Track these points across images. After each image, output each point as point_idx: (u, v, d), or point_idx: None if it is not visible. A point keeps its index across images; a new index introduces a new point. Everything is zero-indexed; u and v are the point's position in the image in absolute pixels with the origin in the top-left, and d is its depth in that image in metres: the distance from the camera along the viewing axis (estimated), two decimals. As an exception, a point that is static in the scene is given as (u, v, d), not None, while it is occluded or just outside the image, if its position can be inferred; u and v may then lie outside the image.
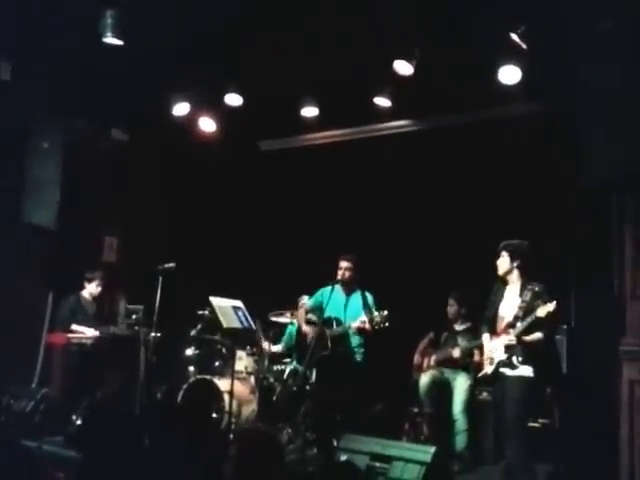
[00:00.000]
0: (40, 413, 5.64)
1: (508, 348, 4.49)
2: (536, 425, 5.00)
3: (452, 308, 6.01)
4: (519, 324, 4.45)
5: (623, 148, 4.62)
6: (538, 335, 4.47)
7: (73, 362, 6.09)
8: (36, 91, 6.58)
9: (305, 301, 6.33)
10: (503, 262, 4.66)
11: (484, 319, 4.88)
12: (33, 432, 5.30)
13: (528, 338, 4.45)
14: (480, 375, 4.81)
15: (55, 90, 6.59)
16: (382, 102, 6.31)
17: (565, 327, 5.21)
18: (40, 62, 6.33)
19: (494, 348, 4.62)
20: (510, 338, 4.47)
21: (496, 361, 4.57)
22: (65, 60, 6.22)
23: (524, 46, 5.11)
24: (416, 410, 5.86)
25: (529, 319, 4.38)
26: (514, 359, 4.47)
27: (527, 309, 4.47)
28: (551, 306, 4.28)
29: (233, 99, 6.66)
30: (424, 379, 5.78)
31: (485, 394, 5.67)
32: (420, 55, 5.63)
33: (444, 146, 6.63)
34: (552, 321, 4.36)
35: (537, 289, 4.54)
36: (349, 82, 6.10)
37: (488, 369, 4.65)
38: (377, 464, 4.09)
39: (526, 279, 4.62)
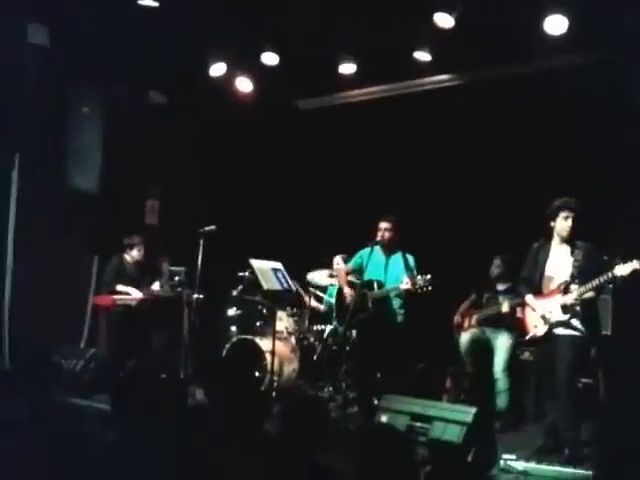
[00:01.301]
0: (89, 372, 5.84)
1: (567, 308, 4.37)
2: (579, 385, 4.93)
3: (497, 269, 5.92)
4: (575, 284, 4.34)
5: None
6: (592, 294, 4.36)
7: (119, 323, 6.26)
8: (75, 56, 6.62)
9: (339, 259, 6.34)
10: (573, 223, 4.44)
11: (523, 279, 4.76)
12: (83, 391, 5.50)
13: (585, 297, 4.35)
14: (529, 337, 4.68)
15: (93, 55, 6.62)
16: (422, 56, 6.14)
17: (611, 286, 5.07)
18: (78, 27, 6.35)
19: (547, 308, 4.48)
20: (573, 297, 4.34)
21: (552, 321, 4.45)
22: (102, 24, 6.21)
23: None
24: (457, 370, 5.85)
25: (603, 278, 4.22)
26: (574, 320, 4.38)
27: (584, 268, 4.34)
28: (637, 264, 4.08)
29: (269, 58, 6.56)
30: (465, 337, 5.74)
31: (527, 354, 5.63)
32: (461, 6, 5.42)
33: (486, 101, 6.43)
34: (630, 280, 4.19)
35: (589, 247, 4.42)
36: (388, 37, 5.94)
37: (539, 330, 4.53)
38: (418, 424, 4.09)
39: (575, 237, 4.49)
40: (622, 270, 4.14)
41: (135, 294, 6.34)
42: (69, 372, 5.76)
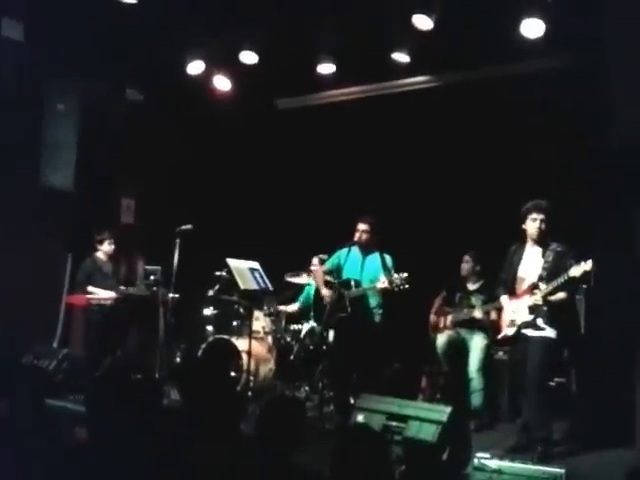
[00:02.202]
0: (63, 372, 5.76)
1: (532, 309, 4.47)
2: (552, 384, 4.99)
3: (467, 265, 5.96)
4: (543, 285, 4.42)
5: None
6: (562, 295, 4.44)
7: (93, 323, 6.19)
8: (50, 52, 6.53)
9: (317, 261, 6.34)
10: (541, 225, 4.54)
11: (501, 280, 4.85)
12: (56, 391, 5.42)
13: (553, 298, 4.42)
14: (500, 337, 4.79)
15: (69, 51, 6.53)
16: (401, 58, 6.16)
17: (584, 287, 5.15)
18: (53, 22, 6.27)
19: (516, 309, 4.59)
20: (536, 299, 4.43)
21: (519, 322, 4.54)
22: (79, 20, 6.14)
23: (548, -3, 4.93)
24: (433, 369, 5.90)
25: (560, 279, 4.33)
26: (539, 320, 4.46)
27: (552, 269, 4.43)
28: (587, 265, 4.21)
29: (248, 57, 6.53)
30: (441, 339, 5.79)
31: (501, 353, 5.71)
32: (440, 8, 5.46)
33: (464, 103, 6.48)
34: (585, 281, 4.30)
35: (560, 249, 4.50)
36: (367, 38, 5.96)
37: (509, 331, 4.63)
38: (394, 423, 4.11)
39: (547, 239, 4.56)
40: (576, 271, 4.26)
41: (105, 295, 6.27)
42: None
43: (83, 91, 7.07)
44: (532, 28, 5.32)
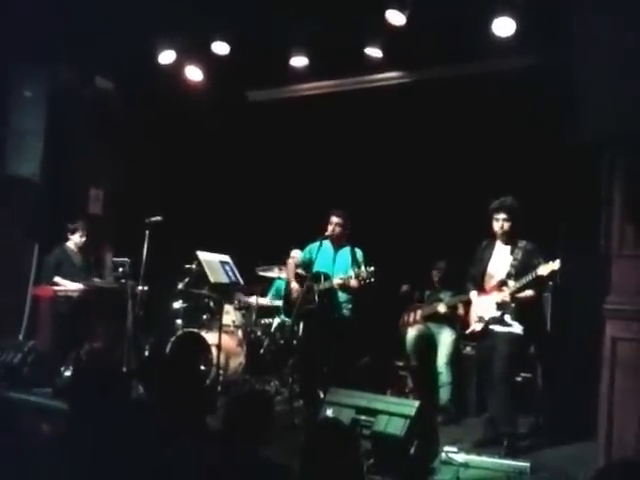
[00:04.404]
0: (28, 365, 5.66)
1: (500, 305, 4.53)
2: (518, 379, 5.07)
3: (437, 278, 6.04)
4: (512, 282, 4.48)
5: (616, 102, 4.54)
6: (530, 293, 4.52)
7: (60, 315, 6.08)
8: (17, 38, 6.37)
9: (296, 253, 6.33)
10: (504, 222, 4.62)
11: (470, 276, 4.91)
12: (21, 384, 5.33)
13: (521, 295, 4.49)
14: (468, 332, 4.86)
15: (37, 37, 6.38)
16: (373, 53, 6.17)
17: (551, 284, 5.24)
18: (21, 7, 6.12)
19: (484, 305, 4.65)
20: (504, 295, 4.49)
21: (487, 318, 4.61)
22: (47, 4, 6.00)
23: (519, -4, 4.98)
24: (402, 364, 5.95)
25: (529, 277, 4.40)
26: (506, 317, 4.52)
27: (521, 267, 4.49)
28: (555, 264, 4.30)
29: (220, 47, 6.47)
30: (411, 333, 5.85)
31: (469, 348, 5.77)
32: (412, 5, 5.48)
33: (436, 99, 6.52)
34: (552, 280, 4.39)
35: (529, 247, 4.57)
36: (340, 32, 5.95)
37: (477, 326, 4.69)
38: (362, 417, 4.13)
39: (516, 237, 4.63)
40: (544, 270, 4.34)
41: (72, 286, 6.17)
42: (7, 365, 5.58)
43: (51, 78, 6.93)
44: (503, 27, 5.37)
